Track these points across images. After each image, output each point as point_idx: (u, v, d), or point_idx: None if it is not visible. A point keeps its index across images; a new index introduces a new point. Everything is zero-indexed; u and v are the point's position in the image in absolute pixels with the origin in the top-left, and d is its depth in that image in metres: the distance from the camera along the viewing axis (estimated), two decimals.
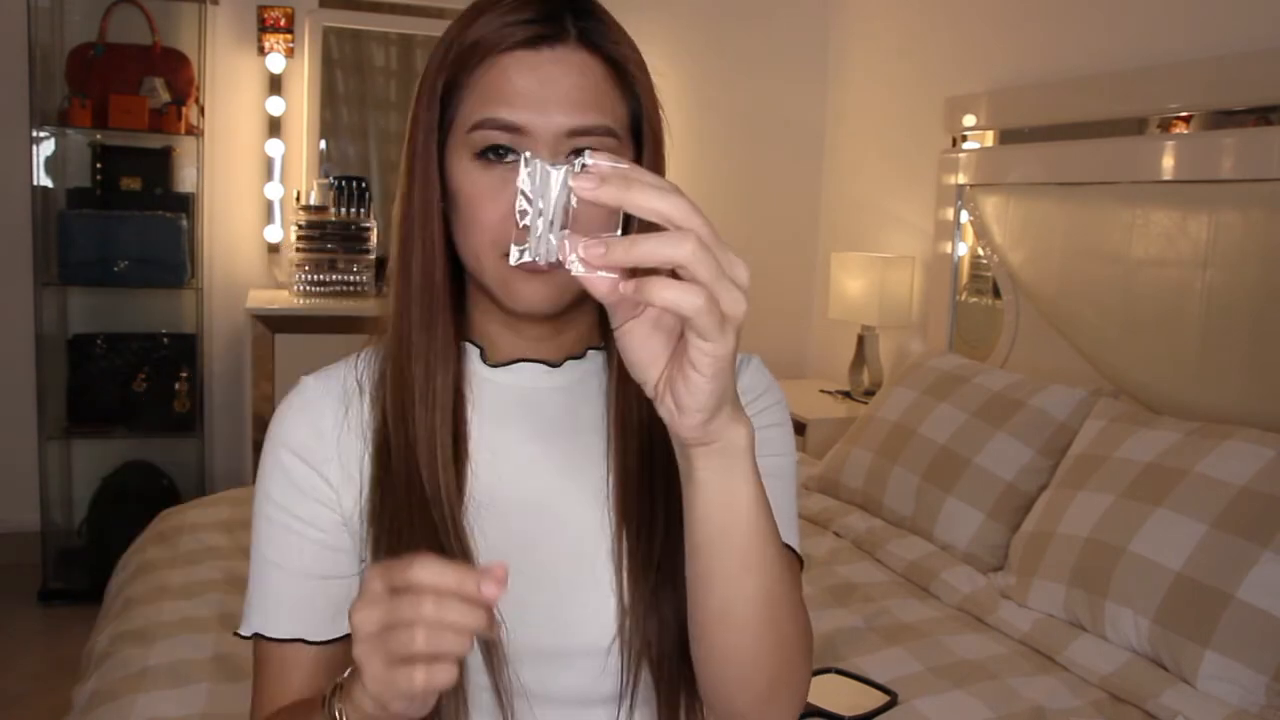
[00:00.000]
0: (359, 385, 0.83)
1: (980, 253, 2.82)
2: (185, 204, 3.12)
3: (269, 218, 3.29)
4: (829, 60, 3.70)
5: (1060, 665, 1.70)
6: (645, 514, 0.79)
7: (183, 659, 1.56)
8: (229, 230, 3.27)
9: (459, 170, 0.75)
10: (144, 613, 1.73)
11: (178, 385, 3.12)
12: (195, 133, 3.06)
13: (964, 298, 2.90)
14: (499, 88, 0.72)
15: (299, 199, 3.22)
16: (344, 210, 3.20)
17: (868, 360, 3.19)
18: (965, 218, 2.85)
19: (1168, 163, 2.17)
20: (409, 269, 0.77)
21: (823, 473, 2.54)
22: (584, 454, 0.81)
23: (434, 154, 0.76)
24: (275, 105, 3.23)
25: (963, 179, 2.82)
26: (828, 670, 1.63)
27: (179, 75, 3.05)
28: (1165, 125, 2.26)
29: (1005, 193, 2.67)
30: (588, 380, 0.84)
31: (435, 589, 0.56)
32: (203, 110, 3.10)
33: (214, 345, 3.27)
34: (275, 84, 3.24)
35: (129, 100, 2.94)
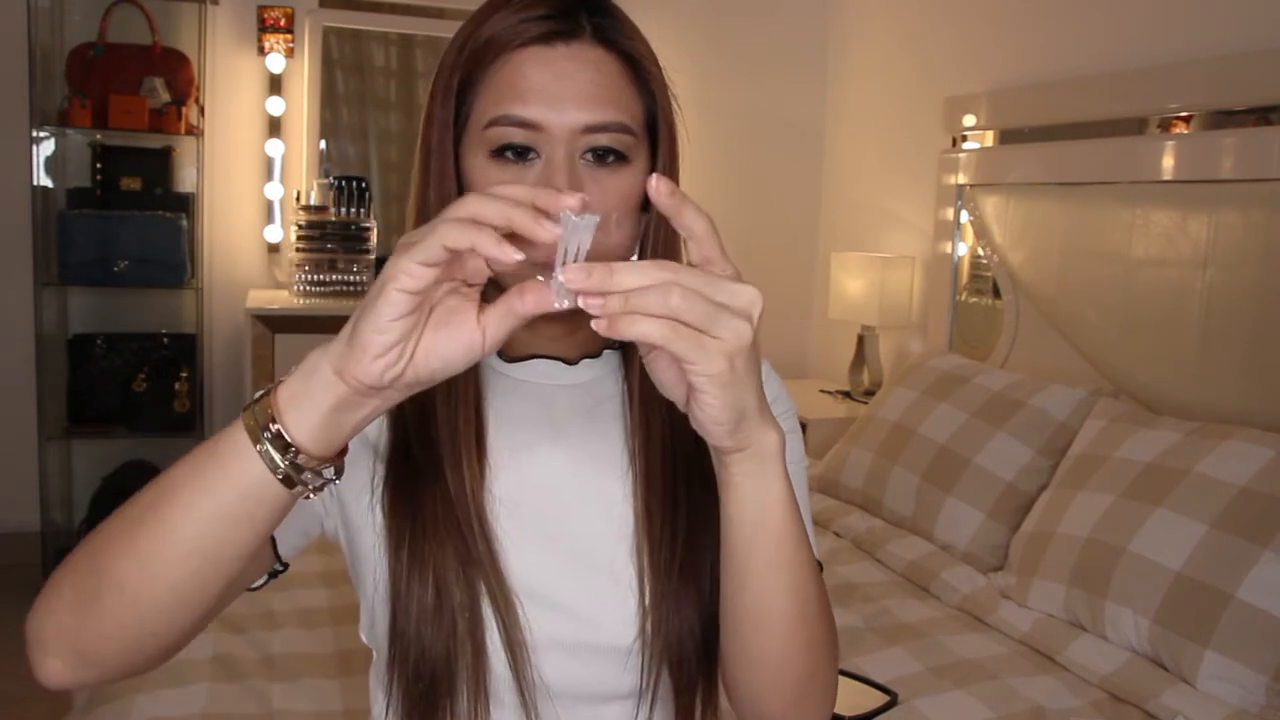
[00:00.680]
0: None
1: (980, 253, 2.82)
2: (185, 204, 3.12)
3: (269, 218, 3.29)
4: (829, 60, 3.70)
5: (1060, 665, 1.70)
6: (668, 512, 0.78)
7: (182, 659, 1.56)
8: (229, 230, 3.27)
9: (474, 167, 0.74)
10: None
11: (178, 385, 3.12)
12: (195, 133, 3.06)
13: (964, 298, 2.90)
14: (514, 84, 0.72)
15: (299, 199, 3.22)
16: (344, 210, 3.20)
17: (868, 360, 3.19)
18: (965, 218, 2.85)
19: (1168, 163, 2.17)
20: None
21: (823, 473, 2.54)
22: (603, 451, 0.81)
23: (450, 151, 0.75)
24: (275, 105, 3.23)
25: (963, 179, 2.82)
26: None
27: (179, 75, 3.05)
28: (1165, 125, 2.26)
29: (1005, 193, 2.67)
30: (604, 378, 0.84)
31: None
32: (203, 110, 3.10)
33: (214, 345, 3.27)
34: (275, 84, 3.24)
35: (129, 100, 2.94)
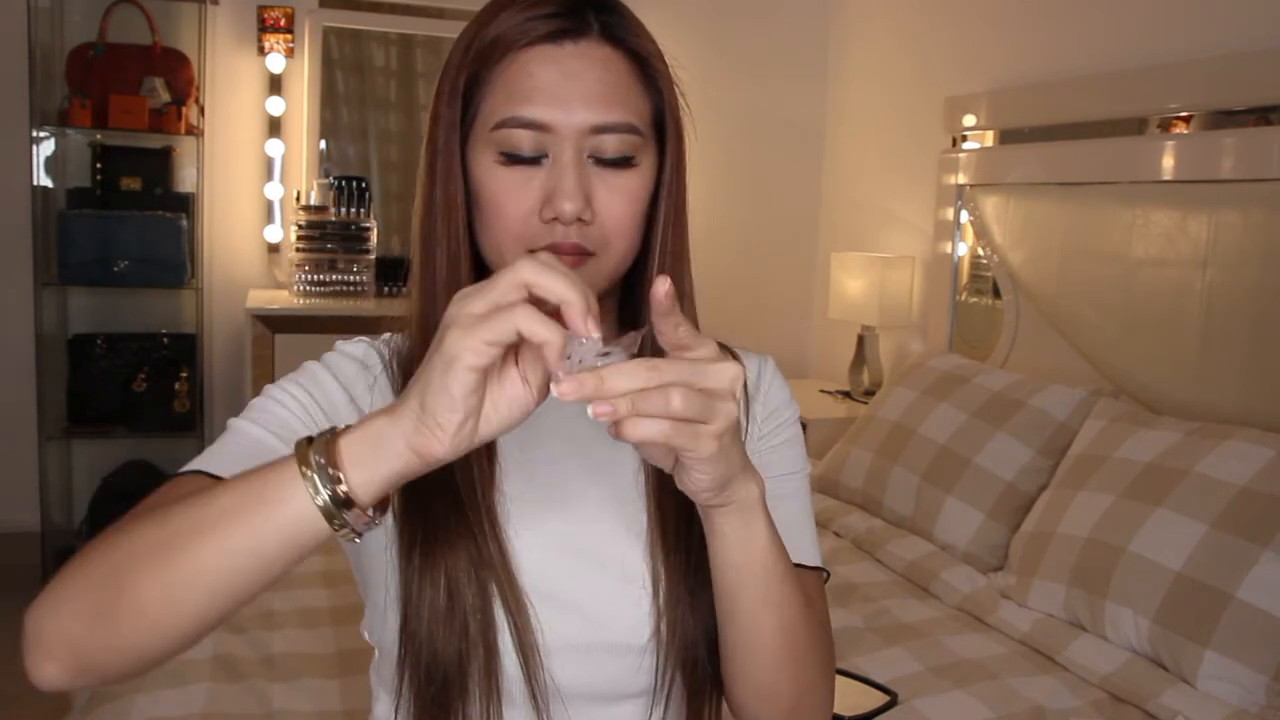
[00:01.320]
0: (386, 370, 0.82)
1: (980, 253, 2.81)
2: (185, 204, 3.12)
3: (269, 218, 3.29)
4: (829, 60, 3.70)
5: (1060, 665, 1.70)
6: (683, 512, 0.78)
7: (182, 659, 1.55)
8: (229, 230, 3.27)
9: (481, 167, 0.74)
10: None
11: (178, 385, 3.12)
12: (195, 133, 3.06)
13: (964, 298, 2.90)
14: (521, 83, 0.72)
15: (299, 199, 3.22)
16: (344, 210, 3.20)
17: (868, 360, 3.19)
18: (965, 218, 2.85)
19: (1168, 163, 2.17)
20: (434, 267, 0.76)
21: (823, 473, 2.54)
22: (614, 450, 0.81)
23: (456, 151, 0.75)
24: (275, 105, 3.23)
25: (963, 179, 2.82)
26: None
27: (179, 75, 3.05)
28: (1165, 125, 2.26)
29: (1005, 193, 2.67)
30: None
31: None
32: (203, 110, 3.10)
33: (214, 345, 3.27)
34: (275, 84, 3.24)
35: (129, 100, 2.94)
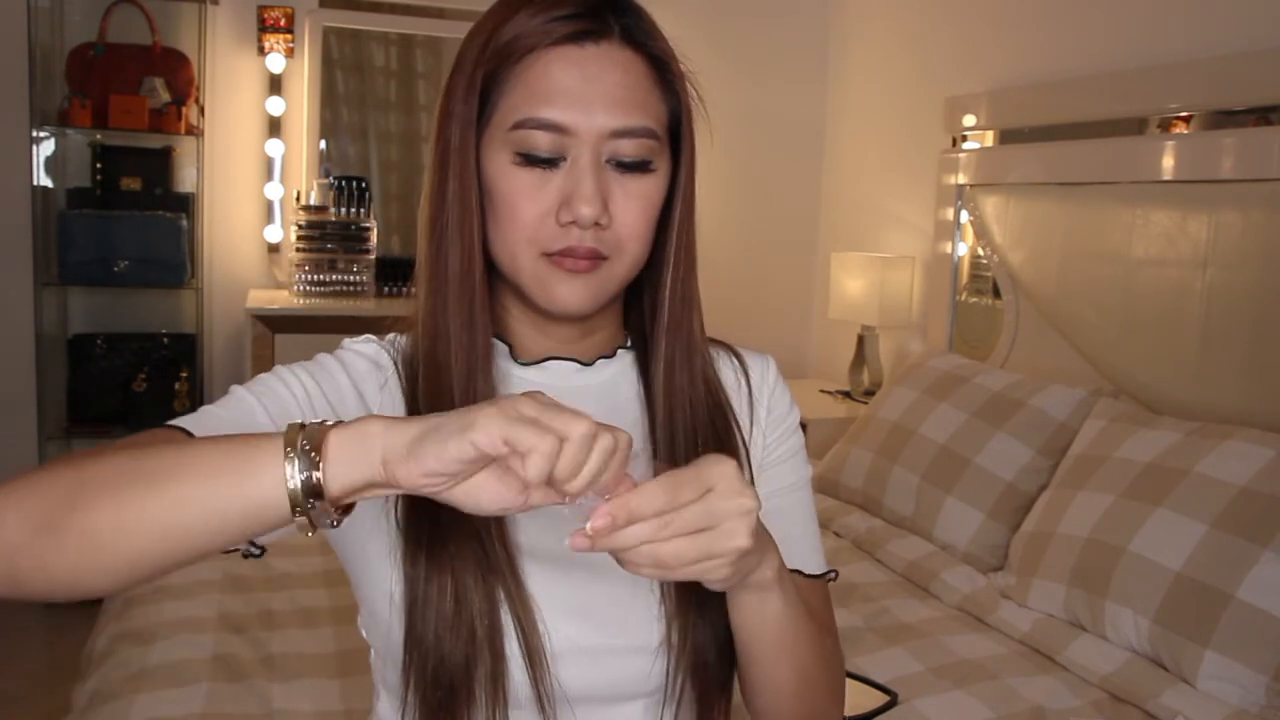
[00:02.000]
0: (397, 372, 0.81)
1: (980, 253, 2.81)
2: (185, 204, 3.12)
3: (269, 218, 3.29)
4: (829, 60, 3.70)
5: (1060, 665, 1.70)
6: None
7: (182, 659, 1.56)
8: (229, 230, 3.27)
9: (496, 167, 0.73)
10: (144, 613, 1.73)
11: (178, 385, 3.12)
12: (195, 133, 3.06)
13: (964, 298, 2.90)
14: (541, 85, 0.71)
15: (299, 199, 3.22)
16: (344, 210, 3.20)
17: (868, 360, 3.19)
18: (965, 218, 2.85)
19: (1168, 163, 2.17)
20: (444, 266, 0.75)
21: (823, 473, 2.54)
22: None
23: (471, 148, 0.74)
24: (275, 105, 3.23)
25: (963, 179, 2.82)
26: None
27: (179, 75, 3.05)
28: (1165, 125, 2.26)
29: (1005, 193, 2.67)
30: (619, 380, 0.83)
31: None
32: (203, 110, 3.10)
33: (214, 345, 3.27)
34: (275, 84, 3.24)
35: (129, 100, 2.94)
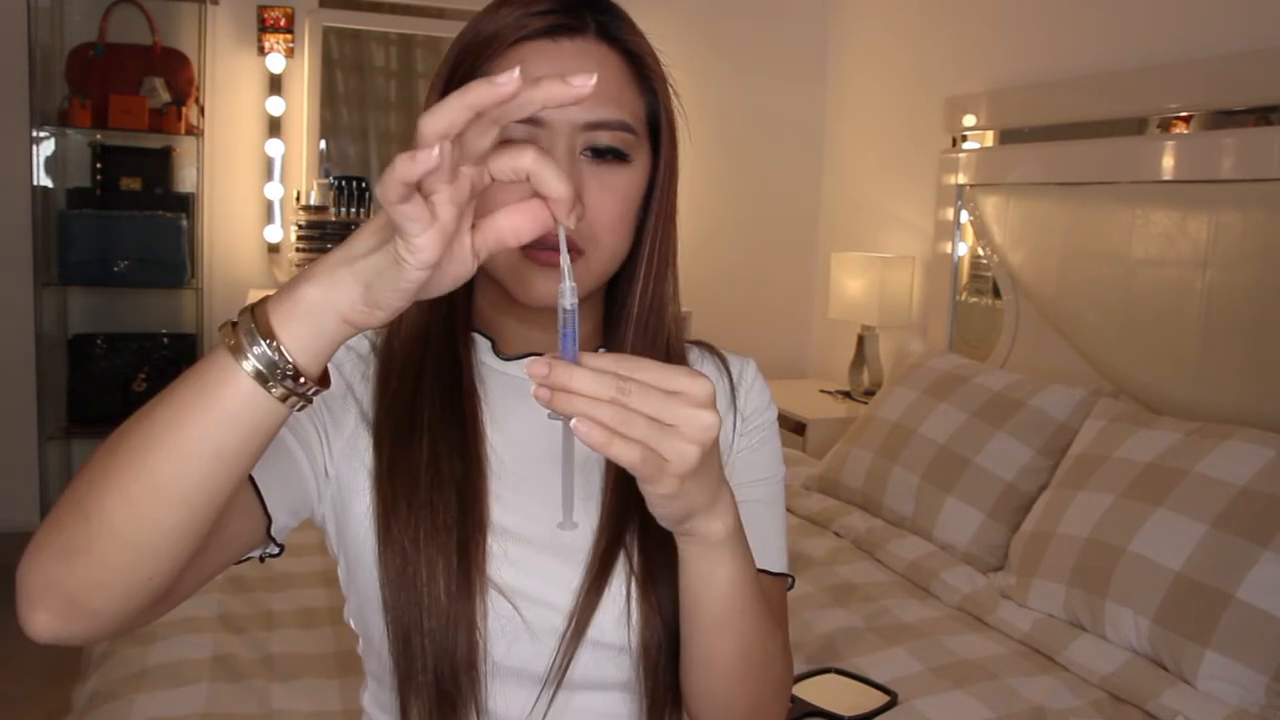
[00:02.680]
0: (374, 355, 0.81)
1: (980, 253, 2.82)
2: (185, 204, 3.12)
3: (269, 218, 3.29)
4: (829, 60, 3.70)
5: (1060, 665, 1.70)
6: (648, 515, 0.78)
7: (182, 659, 1.56)
8: (229, 230, 3.27)
9: None
10: None
11: None
12: (195, 133, 3.06)
13: (964, 298, 2.90)
14: None
15: (299, 199, 3.22)
16: (344, 210, 3.20)
17: (868, 360, 3.19)
18: (965, 218, 2.85)
19: (1168, 163, 2.17)
20: None
21: (823, 473, 2.54)
22: (593, 452, 0.81)
23: None
24: (275, 105, 3.23)
25: (963, 179, 2.82)
26: (828, 670, 1.63)
27: (179, 75, 3.06)
28: (1165, 125, 2.26)
29: (1005, 193, 2.67)
30: None
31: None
32: (203, 110, 3.10)
33: (214, 345, 3.26)
34: (275, 84, 3.24)
35: (129, 100, 2.94)
